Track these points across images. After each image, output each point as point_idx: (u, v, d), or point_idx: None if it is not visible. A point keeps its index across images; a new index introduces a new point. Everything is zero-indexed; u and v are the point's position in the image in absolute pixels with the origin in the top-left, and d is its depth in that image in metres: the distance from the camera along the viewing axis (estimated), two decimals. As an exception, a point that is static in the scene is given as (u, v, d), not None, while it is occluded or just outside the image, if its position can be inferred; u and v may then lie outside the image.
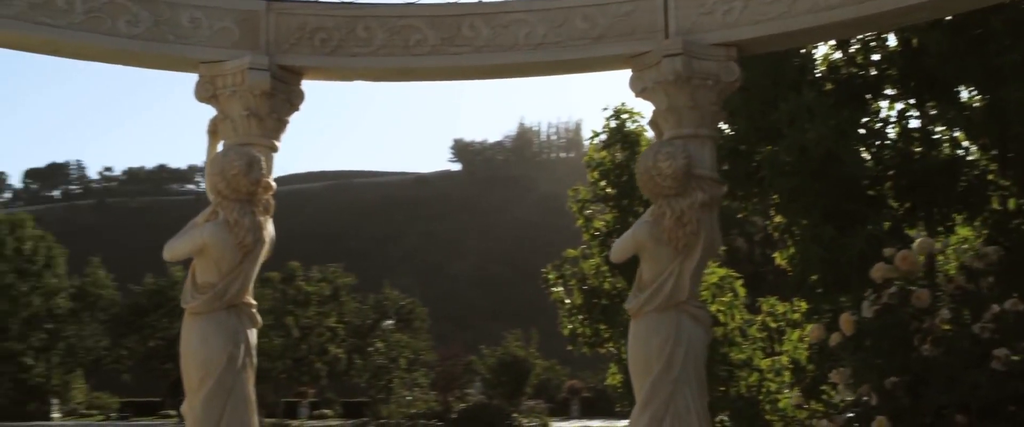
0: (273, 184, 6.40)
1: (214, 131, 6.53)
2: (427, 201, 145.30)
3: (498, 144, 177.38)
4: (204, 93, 6.45)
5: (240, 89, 6.32)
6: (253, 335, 6.16)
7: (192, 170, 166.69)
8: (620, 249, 6.06)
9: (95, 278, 54.46)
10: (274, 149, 6.50)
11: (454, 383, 40.83)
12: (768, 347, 10.64)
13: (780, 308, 10.57)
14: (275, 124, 6.48)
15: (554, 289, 11.64)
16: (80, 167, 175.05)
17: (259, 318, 6.24)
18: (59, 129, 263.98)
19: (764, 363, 10.62)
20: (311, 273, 50.85)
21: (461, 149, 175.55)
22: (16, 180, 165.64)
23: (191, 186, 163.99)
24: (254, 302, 6.22)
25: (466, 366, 45.19)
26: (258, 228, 6.09)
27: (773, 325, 10.61)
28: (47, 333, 50.19)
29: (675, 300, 5.83)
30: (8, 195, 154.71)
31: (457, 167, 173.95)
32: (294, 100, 6.63)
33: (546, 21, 6.40)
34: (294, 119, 6.68)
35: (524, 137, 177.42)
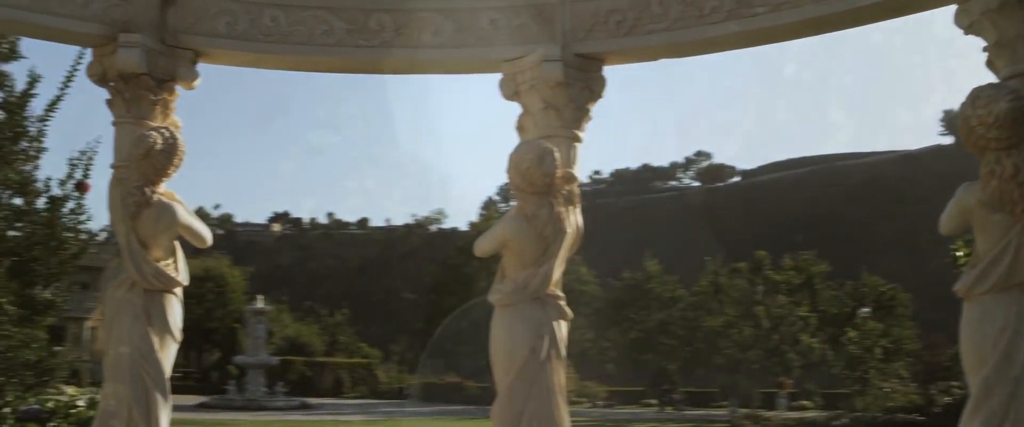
0: (576, 175, 6.32)
1: (521, 127, 6.62)
2: (916, 179, 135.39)
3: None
4: (508, 91, 6.56)
5: (537, 83, 6.35)
6: (561, 327, 6.09)
7: (673, 167, 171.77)
8: (946, 219, 5.08)
9: (578, 275, 58.25)
10: (576, 139, 6.43)
11: (937, 375, 37.32)
12: None
13: None
14: (574, 114, 6.41)
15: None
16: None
17: (568, 310, 6.17)
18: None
19: None
20: (783, 262, 49.89)
21: (952, 120, 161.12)
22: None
23: (673, 183, 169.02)
24: (561, 294, 6.17)
25: (952, 356, 41.11)
26: (558, 219, 6.04)
27: None
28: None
29: (1016, 279, 4.76)
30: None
31: (949, 140, 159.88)
32: (595, 87, 6.51)
33: (858, -39, 5.60)
34: (779, 109, 6.48)
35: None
